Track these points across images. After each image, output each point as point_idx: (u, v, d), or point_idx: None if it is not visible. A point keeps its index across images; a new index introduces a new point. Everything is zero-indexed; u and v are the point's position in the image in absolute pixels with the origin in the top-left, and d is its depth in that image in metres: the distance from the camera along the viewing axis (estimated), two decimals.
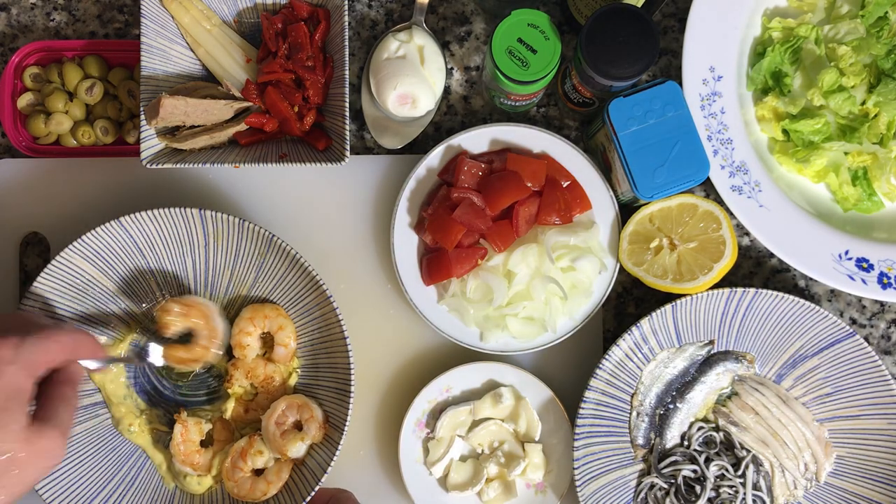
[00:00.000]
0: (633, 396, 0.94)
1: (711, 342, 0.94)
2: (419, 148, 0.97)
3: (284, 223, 0.96)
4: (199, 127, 0.90)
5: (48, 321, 0.75)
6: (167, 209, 0.87)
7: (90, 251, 0.88)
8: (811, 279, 0.98)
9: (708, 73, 0.93)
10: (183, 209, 0.87)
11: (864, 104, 0.91)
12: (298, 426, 0.89)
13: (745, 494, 0.92)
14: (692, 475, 0.92)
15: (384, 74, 0.91)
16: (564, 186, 0.92)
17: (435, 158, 0.93)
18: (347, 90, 0.89)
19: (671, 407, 0.94)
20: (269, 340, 0.92)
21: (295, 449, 0.87)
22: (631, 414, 0.94)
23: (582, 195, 0.93)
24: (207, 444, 0.91)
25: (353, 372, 0.87)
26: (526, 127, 0.92)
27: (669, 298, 0.91)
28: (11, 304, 0.93)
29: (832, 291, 0.99)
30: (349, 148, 0.88)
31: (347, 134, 0.88)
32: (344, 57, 0.89)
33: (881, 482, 0.92)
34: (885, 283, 0.92)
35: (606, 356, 0.91)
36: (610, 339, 0.97)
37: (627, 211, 0.92)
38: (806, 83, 0.93)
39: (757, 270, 0.99)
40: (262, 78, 0.90)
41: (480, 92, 0.98)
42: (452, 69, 0.98)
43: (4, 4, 0.97)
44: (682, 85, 0.92)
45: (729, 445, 0.94)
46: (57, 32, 0.97)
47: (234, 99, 0.89)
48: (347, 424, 0.86)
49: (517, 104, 0.92)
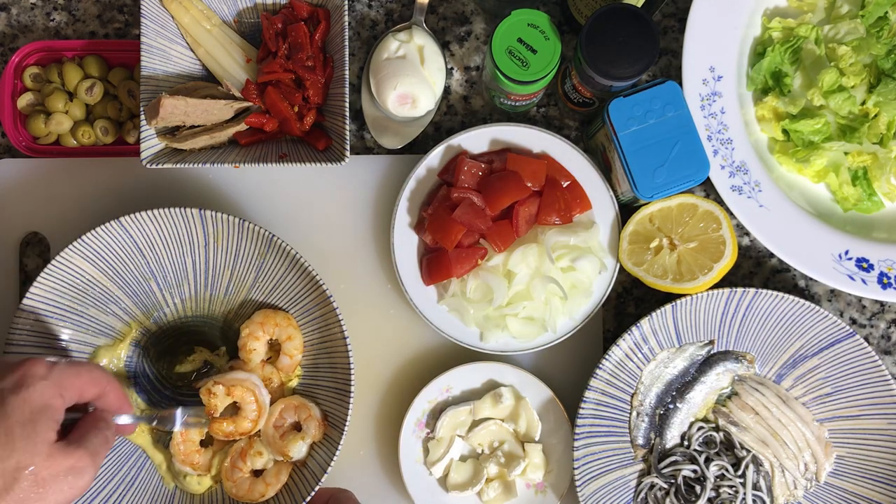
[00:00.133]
0: (633, 396, 0.94)
1: (711, 342, 0.94)
2: (419, 148, 0.97)
3: (284, 223, 0.96)
4: (199, 127, 0.90)
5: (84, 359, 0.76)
6: (167, 209, 0.87)
7: (90, 251, 0.88)
8: (811, 279, 0.98)
9: (708, 73, 0.93)
10: (183, 209, 0.87)
11: (864, 104, 0.91)
12: (297, 427, 0.89)
13: (745, 494, 0.92)
14: (692, 475, 0.92)
15: (384, 74, 0.91)
16: (564, 186, 0.92)
17: (435, 158, 0.93)
18: (347, 90, 0.89)
19: (671, 407, 0.94)
20: (275, 346, 0.92)
21: (296, 449, 0.87)
22: (631, 414, 0.94)
23: (582, 195, 0.93)
24: (207, 444, 0.91)
25: (352, 372, 0.87)
26: (526, 127, 0.92)
27: (669, 298, 0.91)
28: (11, 304, 0.93)
29: (832, 291, 0.99)
30: (349, 148, 0.88)
31: (347, 134, 0.88)
32: (344, 57, 0.89)
33: (881, 482, 0.92)
34: (885, 283, 0.92)
35: (606, 356, 0.91)
36: (610, 339, 0.97)
37: (627, 211, 0.92)
38: (806, 83, 0.93)
39: (757, 270, 0.99)
40: (262, 78, 0.90)
41: (480, 92, 0.98)
42: (452, 69, 0.98)
43: (4, 4, 0.97)
44: (682, 85, 0.92)
45: (729, 445, 0.94)
46: (57, 32, 0.97)
47: (234, 99, 0.89)
48: (347, 424, 0.86)
49: (517, 104, 0.92)
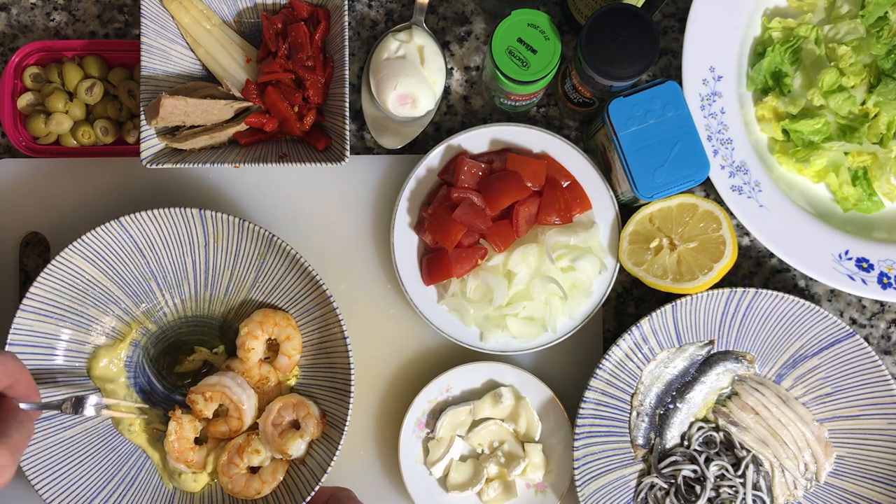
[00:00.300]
0: (633, 396, 0.94)
1: (711, 342, 0.94)
2: (419, 148, 0.97)
3: (284, 223, 0.96)
4: (199, 127, 0.90)
5: None
6: (167, 209, 0.87)
7: (90, 251, 0.88)
8: (811, 279, 0.98)
9: (708, 73, 0.93)
10: (183, 209, 0.87)
11: (864, 104, 0.91)
12: (296, 425, 0.89)
13: (745, 494, 0.92)
14: (692, 475, 0.92)
15: (384, 74, 0.91)
16: (564, 186, 0.92)
17: (435, 158, 0.93)
18: (347, 90, 0.89)
19: (671, 407, 0.94)
20: (273, 346, 0.92)
21: (294, 446, 0.87)
22: (631, 414, 0.94)
23: (582, 195, 0.93)
24: (202, 441, 0.91)
25: (352, 372, 0.87)
26: (526, 127, 0.92)
27: (669, 298, 0.91)
28: (11, 304, 0.93)
29: (832, 291, 0.99)
30: (349, 148, 0.88)
31: (347, 134, 0.88)
32: (344, 57, 0.89)
33: (881, 482, 0.92)
34: (885, 283, 0.92)
35: (606, 356, 0.91)
36: (610, 339, 0.97)
37: (627, 211, 0.92)
38: (806, 83, 0.93)
39: (757, 270, 0.99)
40: (262, 78, 0.90)
41: (480, 92, 0.98)
42: (452, 69, 0.98)
43: (4, 4, 0.97)
44: (682, 85, 0.92)
45: (729, 445, 0.94)
46: (57, 32, 0.97)
47: (234, 99, 0.89)
48: (347, 424, 0.86)
49: (517, 104, 0.92)
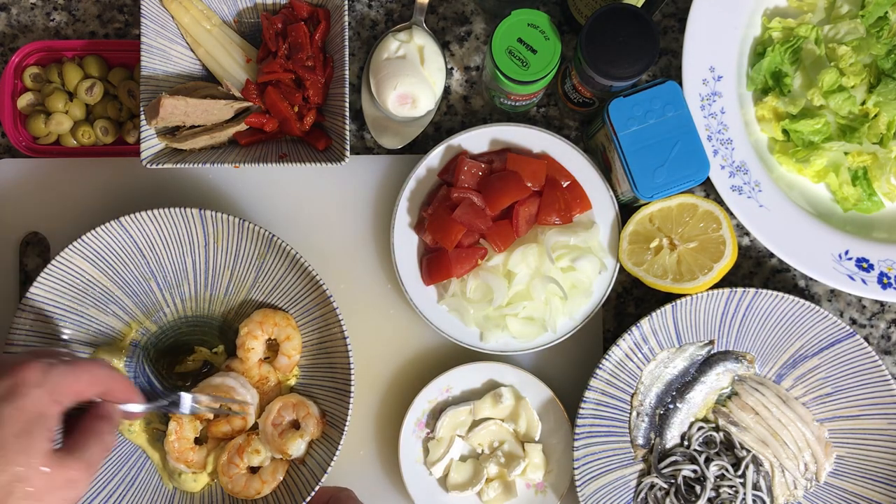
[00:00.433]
0: (633, 396, 0.94)
1: (711, 342, 0.94)
2: (419, 148, 0.97)
3: (284, 223, 0.96)
4: (199, 127, 0.90)
5: (85, 357, 0.72)
6: (167, 209, 0.87)
7: (90, 251, 0.88)
8: (811, 279, 0.98)
9: (708, 73, 0.93)
10: (183, 209, 0.87)
11: (864, 104, 0.91)
12: (296, 425, 0.89)
13: (745, 494, 0.92)
14: (692, 475, 0.92)
15: (384, 74, 0.91)
16: (564, 186, 0.92)
17: (435, 158, 0.93)
18: (347, 90, 0.89)
19: (671, 407, 0.94)
20: (273, 346, 0.92)
21: (294, 446, 0.87)
22: (631, 414, 0.94)
23: (582, 195, 0.93)
24: (202, 441, 0.91)
25: (352, 372, 0.87)
26: (526, 127, 0.92)
27: (669, 298, 0.91)
28: (11, 304, 0.93)
29: (832, 291, 0.99)
30: (349, 148, 0.88)
31: (347, 134, 0.88)
32: (344, 57, 0.89)
33: (881, 482, 0.92)
34: (885, 283, 0.92)
35: (606, 356, 0.91)
36: (610, 339, 0.97)
37: (627, 211, 0.92)
38: (806, 83, 0.93)
39: (757, 270, 0.99)
40: (262, 78, 0.90)
41: (480, 92, 0.98)
42: (452, 69, 0.98)
43: (4, 4, 0.97)
44: (682, 85, 0.92)
45: (729, 445, 0.94)
46: (57, 32, 0.97)
47: (234, 99, 0.89)
48: (347, 424, 0.86)
49: (517, 104, 0.92)
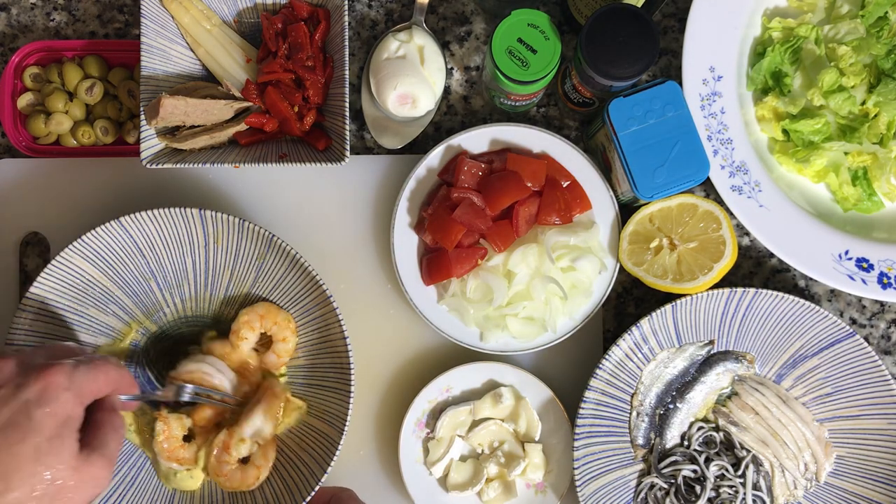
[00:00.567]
0: (633, 396, 0.94)
1: (711, 342, 0.94)
2: (419, 148, 0.97)
3: (284, 223, 0.96)
4: (199, 127, 0.90)
5: (94, 354, 0.76)
6: (167, 209, 0.87)
7: (90, 251, 0.88)
8: (811, 279, 0.98)
9: (708, 73, 0.93)
10: (183, 209, 0.87)
11: (864, 104, 0.91)
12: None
13: (745, 494, 0.92)
14: (692, 475, 0.92)
15: (384, 74, 0.91)
16: (564, 186, 0.92)
17: (435, 158, 0.93)
18: (347, 90, 0.89)
19: (671, 407, 0.94)
20: (266, 341, 0.92)
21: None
22: (631, 414, 0.94)
23: (582, 195, 0.93)
24: (190, 438, 0.90)
25: (353, 372, 0.87)
26: (526, 127, 0.92)
27: (669, 298, 0.91)
28: (11, 304, 0.93)
29: (832, 291, 0.99)
30: (349, 148, 0.88)
31: (347, 134, 0.88)
32: (344, 57, 0.89)
33: (881, 482, 0.92)
34: (885, 283, 0.92)
35: (606, 356, 0.91)
36: (610, 339, 0.97)
37: (627, 211, 0.92)
38: (806, 83, 0.93)
39: (757, 270, 0.99)
40: (262, 78, 0.90)
41: (480, 92, 0.98)
42: (452, 69, 0.98)
43: (4, 4, 0.97)
44: (682, 85, 0.92)
45: (729, 445, 0.94)
46: (57, 32, 0.97)
47: (234, 99, 0.89)
48: (347, 424, 0.86)
49: (517, 104, 0.92)
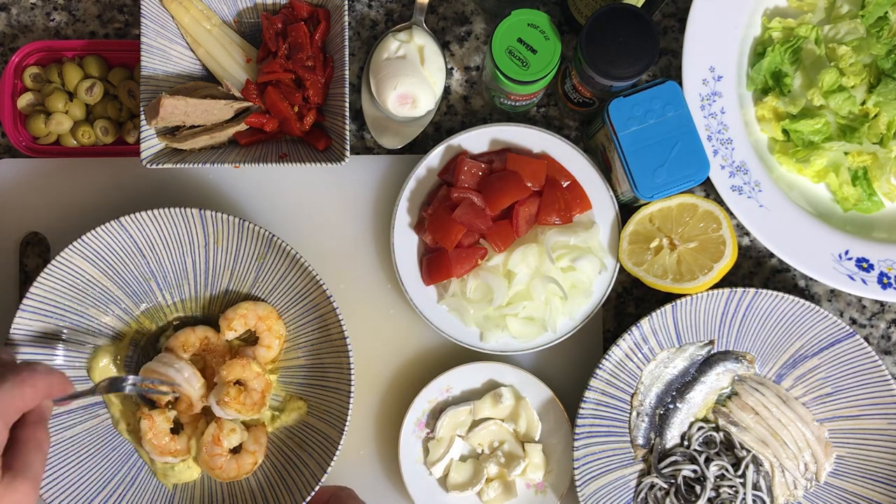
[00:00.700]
0: (633, 396, 0.94)
1: (711, 342, 0.94)
2: (419, 148, 0.97)
3: (284, 223, 0.96)
4: (199, 127, 0.90)
5: (19, 362, 0.71)
6: (167, 209, 0.87)
7: (90, 251, 0.88)
8: (811, 279, 0.98)
9: (708, 73, 0.93)
10: (183, 209, 0.87)
11: (864, 104, 0.91)
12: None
13: (745, 494, 0.92)
14: (692, 475, 0.92)
15: (384, 74, 0.91)
16: (564, 186, 0.92)
17: (435, 158, 0.93)
18: (347, 90, 0.89)
19: (671, 407, 0.94)
20: (251, 340, 0.92)
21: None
22: (631, 414, 0.94)
23: (582, 195, 0.93)
24: (177, 430, 0.90)
25: (353, 372, 0.87)
26: (526, 127, 0.92)
27: (669, 298, 0.91)
28: (11, 304, 0.93)
29: (832, 291, 0.99)
30: (349, 148, 0.88)
31: (347, 134, 0.88)
32: (344, 57, 0.89)
33: (881, 482, 0.92)
34: (885, 283, 0.92)
35: (606, 356, 0.91)
36: (610, 339, 0.97)
37: (627, 211, 0.92)
38: (806, 83, 0.93)
39: (757, 270, 0.99)
40: (262, 78, 0.90)
41: (480, 92, 0.98)
42: (452, 69, 0.98)
43: (4, 4, 0.97)
44: (682, 85, 0.92)
45: (729, 445, 0.94)
46: (57, 32, 0.97)
47: (234, 99, 0.89)
48: (347, 424, 0.86)
49: (517, 104, 0.92)
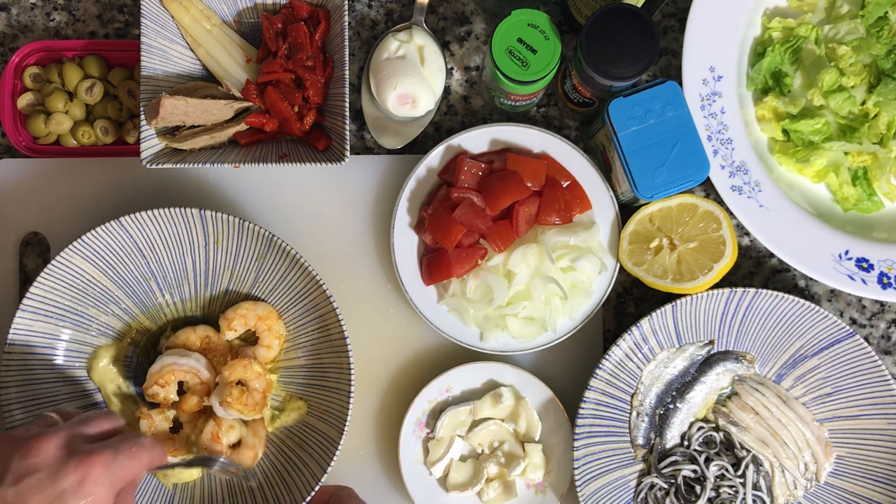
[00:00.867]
0: (633, 396, 0.94)
1: (711, 342, 0.94)
2: (419, 148, 0.97)
3: (284, 223, 0.96)
4: (199, 127, 0.90)
5: (129, 430, 0.73)
6: (167, 209, 0.87)
7: (90, 251, 0.88)
8: (811, 279, 0.98)
9: (708, 73, 0.93)
10: (183, 209, 0.87)
11: (864, 104, 0.91)
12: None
13: (745, 494, 0.92)
14: (692, 475, 0.92)
15: (384, 74, 0.91)
16: (564, 186, 0.92)
17: (435, 158, 0.93)
18: (347, 90, 0.89)
19: (671, 407, 0.94)
20: (251, 338, 0.92)
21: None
22: (631, 414, 0.94)
23: (582, 195, 0.93)
24: (176, 430, 0.90)
25: (353, 372, 0.87)
26: (526, 127, 0.92)
27: (669, 298, 0.91)
28: (11, 304, 0.93)
29: (832, 291, 0.99)
30: (349, 148, 0.88)
31: (347, 134, 0.88)
32: (344, 57, 0.89)
33: (881, 482, 0.92)
34: (885, 283, 0.92)
35: (606, 356, 0.91)
36: (610, 339, 0.97)
37: (627, 211, 0.92)
38: (806, 83, 0.93)
39: (757, 270, 0.99)
40: (262, 78, 0.90)
41: (480, 92, 0.98)
42: (452, 69, 0.98)
43: (4, 4, 0.97)
44: (682, 85, 0.92)
45: (729, 445, 0.94)
46: (57, 32, 0.97)
47: (234, 99, 0.89)
48: (347, 424, 0.86)
49: (517, 104, 0.92)
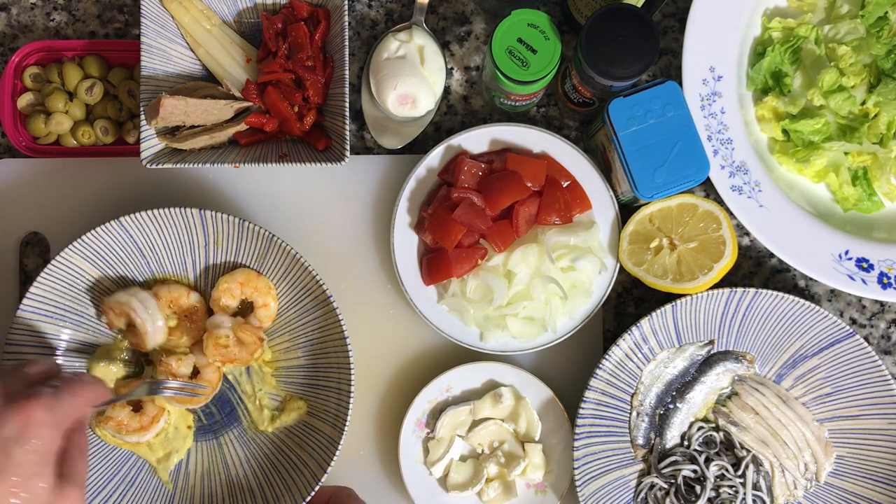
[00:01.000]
0: (633, 396, 0.94)
1: (711, 342, 0.94)
2: (419, 148, 0.97)
3: (284, 223, 0.96)
4: (199, 127, 0.90)
5: (67, 372, 0.74)
6: (167, 209, 0.87)
7: (90, 251, 0.88)
8: (811, 279, 0.98)
9: (708, 73, 0.93)
10: (183, 209, 0.87)
11: (864, 104, 0.91)
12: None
13: (745, 494, 0.92)
14: (692, 475, 0.92)
15: (384, 74, 0.91)
16: (564, 186, 0.92)
17: (435, 158, 0.93)
18: (347, 90, 0.89)
19: (671, 407, 0.94)
20: (245, 309, 0.92)
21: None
22: (631, 414, 0.94)
23: (582, 195, 0.93)
24: (138, 408, 0.90)
25: (353, 372, 0.87)
26: (526, 127, 0.92)
27: (669, 298, 0.91)
28: (11, 304, 0.93)
29: (832, 291, 0.99)
30: (349, 148, 0.88)
31: (347, 134, 0.88)
32: (344, 57, 0.89)
33: (881, 482, 0.92)
34: (885, 283, 0.92)
35: (606, 356, 0.91)
36: (610, 339, 0.97)
37: (627, 211, 0.92)
38: (806, 83, 0.93)
39: (757, 270, 0.99)
40: (262, 78, 0.90)
41: (480, 92, 0.98)
42: (452, 69, 0.98)
43: (4, 4, 0.97)
44: (682, 85, 0.92)
45: (729, 445, 0.94)
46: (57, 32, 0.97)
47: (234, 99, 0.89)
48: (347, 424, 0.86)
49: (517, 104, 0.92)
